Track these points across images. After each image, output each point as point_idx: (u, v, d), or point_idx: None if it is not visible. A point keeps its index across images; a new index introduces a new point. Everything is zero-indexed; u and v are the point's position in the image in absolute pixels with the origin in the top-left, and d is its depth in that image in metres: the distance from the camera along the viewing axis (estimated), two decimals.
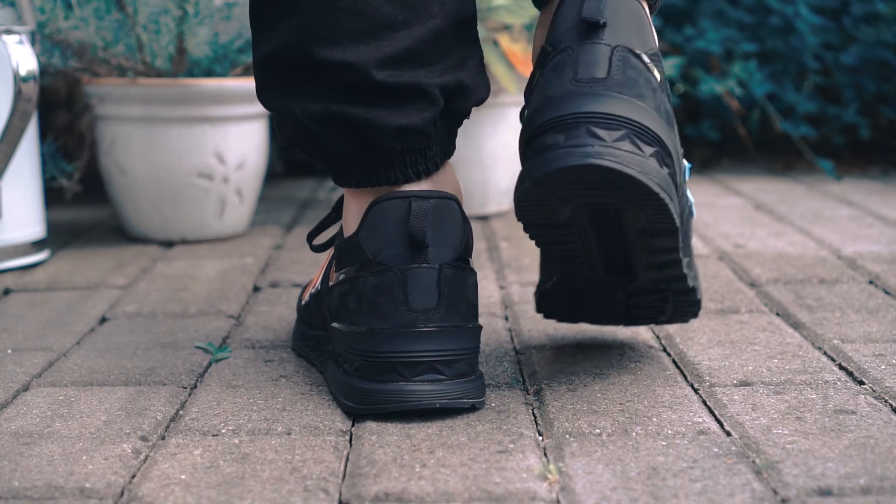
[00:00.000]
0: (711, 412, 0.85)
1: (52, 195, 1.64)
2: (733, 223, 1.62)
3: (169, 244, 1.54)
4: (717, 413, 0.84)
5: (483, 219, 1.69)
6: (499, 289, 1.25)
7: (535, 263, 1.36)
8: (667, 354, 0.99)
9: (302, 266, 1.38)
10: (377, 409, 0.83)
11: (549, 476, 0.73)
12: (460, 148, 1.02)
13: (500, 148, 1.69)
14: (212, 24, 1.53)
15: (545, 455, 0.77)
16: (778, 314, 1.12)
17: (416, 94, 0.85)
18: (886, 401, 0.86)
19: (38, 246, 1.42)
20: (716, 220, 1.65)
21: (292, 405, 0.88)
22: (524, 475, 0.73)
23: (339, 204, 0.98)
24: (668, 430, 0.81)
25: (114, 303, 1.21)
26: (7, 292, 1.28)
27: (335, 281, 0.89)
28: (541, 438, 0.80)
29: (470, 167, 1.66)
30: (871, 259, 1.35)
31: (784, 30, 2.23)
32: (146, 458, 0.78)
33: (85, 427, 0.83)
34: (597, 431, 0.81)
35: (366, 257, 0.85)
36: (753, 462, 0.75)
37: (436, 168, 0.88)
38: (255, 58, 0.89)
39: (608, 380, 0.92)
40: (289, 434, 0.82)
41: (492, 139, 1.68)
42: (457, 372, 0.84)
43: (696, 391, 0.89)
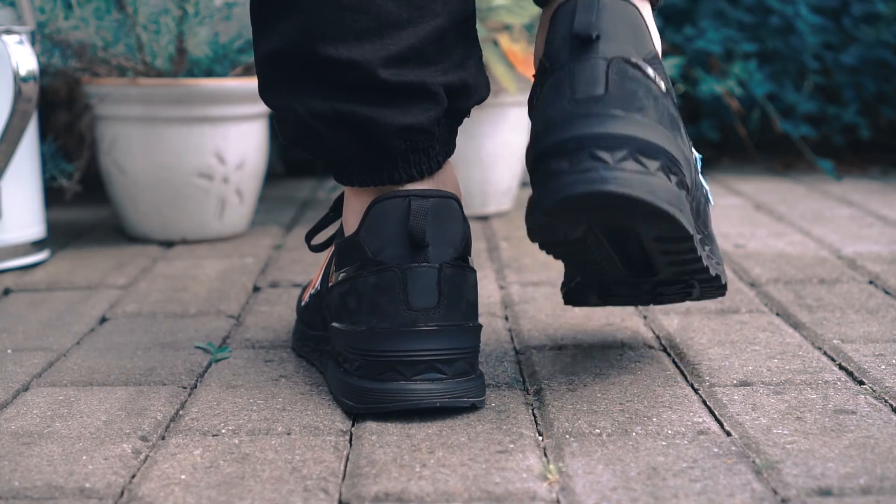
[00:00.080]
0: (711, 412, 0.85)
1: (52, 195, 1.64)
2: (733, 223, 1.62)
3: (169, 244, 1.54)
4: (717, 413, 0.84)
5: (483, 219, 1.69)
6: (499, 289, 1.25)
7: (535, 263, 1.36)
8: (667, 354, 0.99)
9: (302, 266, 1.38)
10: (377, 409, 0.83)
11: (549, 476, 0.73)
12: (460, 148, 1.02)
13: (500, 148, 1.69)
14: (212, 24, 1.53)
15: (545, 455, 0.77)
16: (778, 314, 1.12)
17: (421, 94, 0.85)
18: (886, 401, 0.86)
19: (38, 246, 1.42)
20: (716, 220, 1.65)
21: (292, 405, 0.88)
22: (524, 475, 0.73)
23: (337, 203, 0.98)
24: (668, 430, 0.81)
25: (114, 303, 1.21)
26: (7, 292, 1.28)
27: (335, 280, 0.89)
28: (541, 438, 0.80)
29: (470, 167, 1.66)
30: (871, 259, 1.35)
31: (784, 30, 2.23)
32: (146, 458, 0.78)
33: (85, 427, 0.83)
34: (597, 431, 0.81)
35: (366, 256, 0.85)
36: (753, 462, 0.75)
37: (438, 167, 0.88)
38: (256, 55, 0.89)
39: (608, 380, 0.92)
40: (289, 434, 0.82)
41: (492, 139, 1.68)
42: (457, 371, 0.84)
43: (696, 391, 0.89)
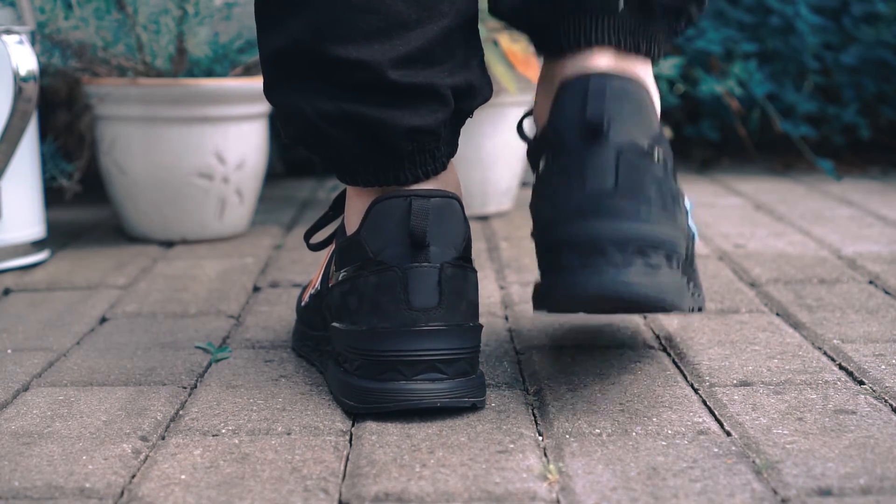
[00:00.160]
0: (711, 412, 0.85)
1: (52, 195, 1.64)
2: (733, 223, 1.62)
3: (169, 244, 1.54)
4: (717, 413, 0.84)
5: (483, 219, 1.69)
6: (499, 289, 1.25)
7: (535, 264, 1.36)
8: (667, 354, 0.99)
9: (302, 266, 1.38)
10: (378, 409, 0.83)
11: (549, 476, 0.73)
12: (460, 148, 1.02)
13: (500, 148, 1.69)
14: (212, 24, 1.53)
15: (545, 455, 0.77)
16: (778, 314, 1.12)
17: (429, 95, 0.85)
18: (886, 401, 0.86)
19: (38, 246, 1.42)
20: (716, 220, 1.65)
21: (292, 405, 0.88)
22: (524, 475, 0.73)
23: (337, 202, 0.97)
24: (668, 430, 0.81)
25: (114, 303, 1.21)
26: (7, 292, 1.28)
27: (336, 280, 0.89)
28: (541, 438, 0.80)
29: (470, 167, 1.66)
30: (871, 259, 1.35)
31: (784, 30, 2.23)
32: (146, 458, 0.78)
33: (85, 427, 0.83)
34: (597, 431, 0.81)
35: (367, 256, 0.85)
36: (753, 462, 0.75)
37: (443, 168, 0.88)
38: (262, 53, 0.88)
39: (608, 380, 0.92)
40: (289, 434, 0.82)
41: (492, 139, 1.68)
42: (458, 371, 0.84)
43: (696, 391, 0.89)
